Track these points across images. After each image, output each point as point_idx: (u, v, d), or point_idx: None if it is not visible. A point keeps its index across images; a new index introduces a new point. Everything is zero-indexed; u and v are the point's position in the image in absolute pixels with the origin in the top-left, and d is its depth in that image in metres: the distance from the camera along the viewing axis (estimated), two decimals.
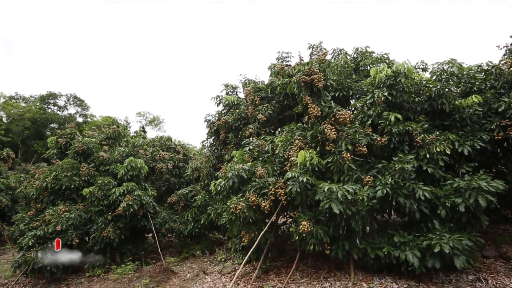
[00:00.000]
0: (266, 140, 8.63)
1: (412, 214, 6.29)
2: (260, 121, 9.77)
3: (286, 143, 7.76)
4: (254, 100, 10.33)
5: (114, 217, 11.24)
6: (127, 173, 12.01)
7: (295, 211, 7.03)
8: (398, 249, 6.21)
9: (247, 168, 7.67)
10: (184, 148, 16.75)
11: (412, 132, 7.03)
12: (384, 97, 7.36)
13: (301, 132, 8.05)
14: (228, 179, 7.53)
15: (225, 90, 12.55)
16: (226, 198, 8.11)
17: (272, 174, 7.69)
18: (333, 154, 6.94)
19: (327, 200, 6.08)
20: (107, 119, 64.22)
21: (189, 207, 13.73)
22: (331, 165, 6.85)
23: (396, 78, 7.49)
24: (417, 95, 7.90)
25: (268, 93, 10.57)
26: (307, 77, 7.20)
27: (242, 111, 10.78)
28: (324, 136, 6.98)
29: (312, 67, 7.21)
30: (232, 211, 6.87)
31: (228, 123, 10.87)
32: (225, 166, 8.02)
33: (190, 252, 13.13)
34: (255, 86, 10.68)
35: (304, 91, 7.34)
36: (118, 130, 14.68)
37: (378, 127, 7.46)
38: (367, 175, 6.84)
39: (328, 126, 6.84)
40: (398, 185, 6.34)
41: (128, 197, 11.13)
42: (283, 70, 9.91)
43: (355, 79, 10.05)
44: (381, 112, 7.41)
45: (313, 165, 6.74)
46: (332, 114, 7.02)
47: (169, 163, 15.00)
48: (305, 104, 7.39)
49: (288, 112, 10.73)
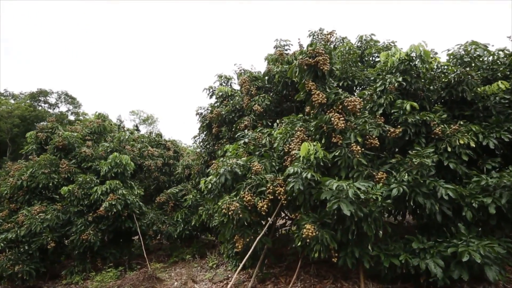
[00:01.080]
0: (263, 133, 7.72)
1: (433, 216, 5.42)
2: (256, 113, 8.86)
3: (286, 135, 6.86)
4: (250, 90, 9.41)
5: (95, 218, 10.24)
6: (111, 170, 11.00)
7: (296, 212, 6.13)
8: (417, 257, 5.33)
9: (241, 163, 6.75)
10: (175, 144, 15.77)
11: (429, 123, 6.17)
12: (397, 83, 6.49)
13: (303, 123, 7.17)
14: (220, 176, 6.61)
15: (219, 81, 11.61)
16: (218, 198, 7.18)
17: (270, 170, 6.79)
18: (340, 147, 6.05)
19: (335, 200, 5.18)
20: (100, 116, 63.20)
21: (179, 207, 12.76)
22: (339, 159, 5.95)
23: (411, 62, 6.63)
24: (432, 82, 7.04)
25: (265, 82, 9.66)
26: (310, 60, 6.30)
27: (236, 103, 9.85)
28: (331, 126, 6.09)
29: (316, 48, 6.31)
30: (224, 213, 5.94)
31: (221, 115, 9.93)
32: (216, 161, 7.09)
33: (179, 256, 12.16)
34: (251, 75, 9.75)
35: (307, 75, 6.44)
36: (103, 124, 13.65)
37: (390, 118, 6.60)
38: (379, 171, 5.97)
39: (336, 114, 5.94)
40: (417, 182, 5.48)
41: (111, 196, 10.13)
42: (282, 56, 9.01)
43: (360, 68, 9.19)
44: (394, 100, 6.55)
45: (318, 159, 5.85)
46: (340, 101, 6.13)
47: (158, 160, 14.01)
48: (308, 91, 6.49)
49: (287, 104, 9.83)
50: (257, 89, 9.45)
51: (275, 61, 9.21)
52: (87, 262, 10.01)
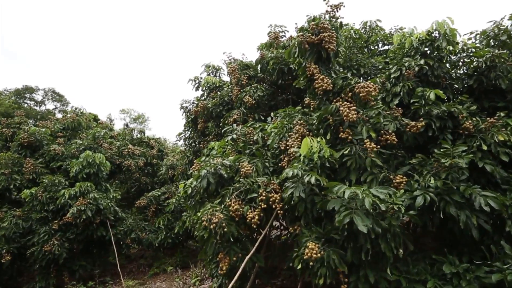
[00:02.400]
0: (255, 127, 6.52)
1: (469, 231, 4.29)
2: (247, 105, 7.66)
3: (282, 129, 5.68)
4: (240, 80, 8.20)
5: (62, 226, 8.91)
6: (83, 170, 9.68)
7: (295, 224, 4.95)
8: (449, 283, 4.21)
9: (228, 163, 5.55)
10: (159, 143, 14.46)
11: (458, 116, 5.06)
12: (418, 67, 5.36)
13: (303, 116, 6.00)
14: (201, 179, 5.39)
15: (206, 72, 10.37)
16: (200, 205, 5.97)
17: (263, 172, 5.60)
18: (350, 144, 4.89)
19: (346, 211, 4.01)
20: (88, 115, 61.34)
21: (162, 212, 11.49)
22: (348, 159, 4.79)
23: (434, 42, 5.51)
24: (456, 67, 5.95)
25: (258, 71, 8.47)
26: (313, 37, 5.13)
27: (225, 94, 8.64)
28: (338, 118, 4.93)
29: (321, 23, 5.14)
30: (204, 226, 4.72)
31: (208, 109, 8.71)
32: (197, 160, 5.89)
33: (161, 266, 10.90)
34: (242, 63, 8.55)
35: (309, 57, 5.26)
36: (78, 119, 12.28)
37: (407, 109, 5.48)
38: (397, 174, 4.83)
39: (345, 103, 4.77)
40: (448, 188, 4.35)
41: (81, 200, 8.83)
42: (277, 40, 7.83)
43: (367, 56, 8.07)
44: (413, 88, 5.42)
45: (323, 159, 4.68)
46: (349, 87, 4.96)
47: (140, 160, 12.70)
48: (310, 76, 5.32)
49: (282, 97, 8.67)
50: (248, 79, 8.26)
51: (269, 46, 8.03)
52: (50, 277, 8.66)
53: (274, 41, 7.90)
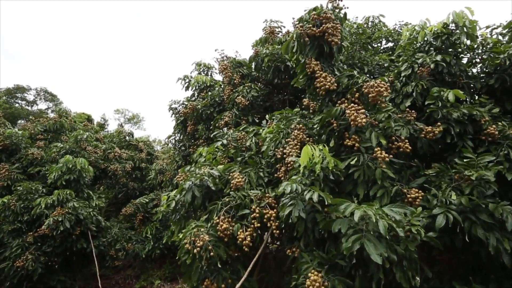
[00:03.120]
0: (247, 132, 5.83)
1: (499, 256, 3.63)
2: (240, 107, 6.96)
3: (279, 135, 5.00)
4: (233, 79, 7.51)
5: (38, 239, 8.15)
6: (62, 177, 8.91)
7: (293, 246, 4.26)
8: None
9: (216, 173, 4.85)
10: (149, 146, 13.70)
11: (479, 120, 4.41)
12: (434, 63, 4.70)
13: (302, 119, 5.33)
14: (186, 192, 4.68)
15: (197, 71, 9.65)
16: (185, 219, 5.28)
17: (257, 183, 4.92)
18: (357, 152, 4.21)
19: (355, 235, 3.33)
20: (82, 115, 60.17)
21: (150, 220, 10.76)
22: (355, 170, 4.10)
23: (450, 36, 4.86)
24: (473, 65, 5.31)
25: (252, 69, 7.77)
26: (314, 29, 4.44)
27: (216, 95, 7.93)
28: (343, 123, 4.25)
29: (323, 13, 4.45)
30: (187, 250, 4.01)
31: (197, 110, 8.00)
32: (182, 170, 5.19)
33: (149, 279, 10.18)
34: (235, 60, 7.84)
35: (310, 51, 4.57)
36: (60, 121, 11.49)
37: (420, 112, 4.83)
38: (411, 188, 4.17)
39: (352, 106, 4.08)
40: (473, 206, 3.69)
41: (58, 210, 8.06)
42: (273, 35, 7.14)
43: (371, 53, 7.42)
44: (427, 88, 4.77)
45: (327, 170, 4.00)
46: (357, 87, 4.28)
47: (127, 164, 11.93)
48: (310, 73, 4.63)
49: (279, 97, 7.98)
50: (241, 78, 7.57)
51: (264, 42, 7.34)
52: None
53: (269, 36, 7.22)
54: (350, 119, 4.01)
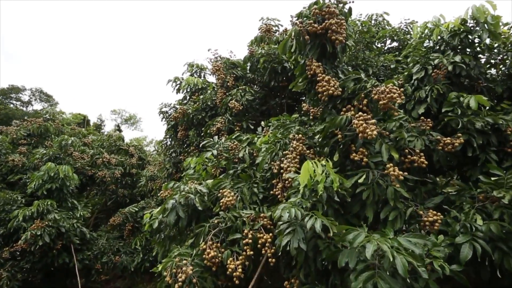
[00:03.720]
0: (241, 140, 5.25)
1: None
2: (233, 112, 6.38)
3: (276, 146, 4.41)
4: (226, 81, 6.93)
5: (15, 254, 7.53)
6: (43, 186, 8.28)
7: (292, 276, 3.68)
8: None
9: (204, 190, 4.26)
10: (140, 150, 13.07)
11: (505, 130, 3.85)
12: (452, 65, 4.13)
13: (300, 127, 4.75)
14: (168, 213, 4.09)
15: (189, 72, 9.06)
16: (170, 241, 4.70)
17: (250, 200, 4.34)
18: (365, 168, 3.64)
19: (367, 273, 2.75)
20: (77, 116, 59.16)
21: (140, 231, 10.13)
22: (363, 189, 3.53)
23: (470, 34, 4.30)
24: (493, 66, 4.76)
25: (247, 70, 7.19)
26: (316, 25, 3.87)
27: (208, 98, 7.35)
28: (350, 134, 3.67)
29: (326, 7, 3.87)
30: (168, 284, 3.43)
31: (188, 115, 7.40)
32: (165, 186, 4.61)
33: None
34: (228, 61, 7.25)
35: (310, 51, 4.00)
36: (45, 125, 10.86)
37: (435, 120, 4.27)
38: (428, 209, 3.60)
39: (360, 115, 3.50)
40: (505, 233, 3.12)
41: (37, 223, 7.44)
42: (269, 34, 6.57)
43: (375, 52, 6.86)
44: (443, 93, 4.20)
45: (331, 190, 3.43)
46: (365, 92, 3.70)
47: (116, 170, 11.30)
48: (311, 76, 4.06)
49: (276, 101, 7.40)
50: (235, 80, 6.99)
51: (260, 41, 6.76)
52: None
53: (265, 35, 6.64)
54: (357, 131, 3.43)
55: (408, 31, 7.70)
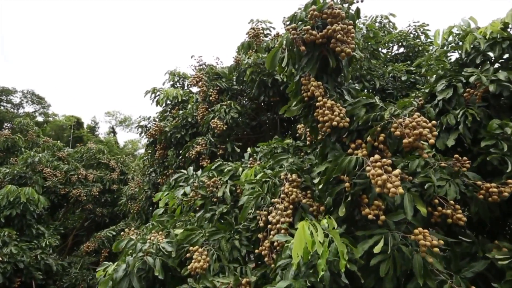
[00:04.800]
0: (222, 173, 4.25)
1: None
2: (216, 132, 5.38)
3: (263, 187, 3.42)
4: (208, 94, 5.92)
5: None
6: (1, 212, 7.23)
7: None
8: None
9: (169, 249, 3.26)
10: (123, 163, 12.00)
11: None
12: (494, 83, 3.16)
13: (295, 159, 3.79)
14: (120, 280, 3.08)
15: (171, 81, 8.04)
16: None
17: (230, 257, 3.34)
18: (382, 231, 2.64)
19: None
20: (70, 118, 57.79)
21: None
22: (380, 260, 2.54)
23: None
24: None
25: (233, 81, 6.20)
26: (315, 33, 2.88)
27: (188, 113, 6.34)
28: (362, 181, 2.68)
29: (328, 8, 2.88)
30: None
31: (165, 133, 6.39)
32: (115, 245, 3.61)
33: None
34: (211, 70, 6.24)
35: (307, 65, 3.01)
36: (12, 138, 9.78)
37: (466, 153, 3.30)
38: (467, 281, 2.62)
39: (377, 160, 2.50)
40: None
41: None
42: (258, 39, 5.58)
43: (382, 61, 5.91)
44: (481, 119, 3.23)
45: (336, 264, 2.44)
46: (381, 125, 2.71)
47: (94, 187, 10.26)
48: (308, 99, 3.07)
49: (267, 116, 6.42)
50: (219, 93, 5.98)
51: (248, 47, 5.76)
52: None
53: (253, 40, 5.64)
54: (374, 183, 2.44)
55: (418, 35, 6.76)
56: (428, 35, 6.41)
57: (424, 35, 6.71)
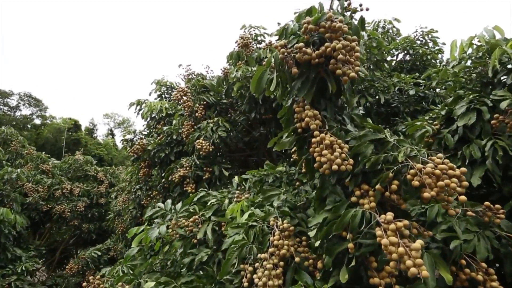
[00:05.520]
0: (205, 204, 3.67)
1: None
2: (201, 153, 4.80)
3: (249, 233, 2.83)
4: (195, 110, 5.34)
5: None
6: None
7: None
8: None
9: None
10: (112, 175, 11.40)
11: None
12: None
13: (288, 194, 3.22)
14: None
15: (158, 91, 7.46)
16: None
17: None
18: None
19: None
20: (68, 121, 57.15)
21: None
22: None
23: None
24: None
25: (223, 95, 5.61)
26: (310, 51, 2.30)
27: (174, 129, 5.76)
28: (369, 242, 2.10)
29: (326, 21, 2.30)
30: None
31: (148, 152, 5.81)
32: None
33: None
34: (197, 83, 5.65)
35: (301, 90, 2.44)
36: None
37: (499, 194, 2.72)
38: None
39: (389, 219, 1.92)
40: None
41: None
42: (248, 50, 4.99)
43: (386, 72, 5.34)
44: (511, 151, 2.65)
45: None
46: (394, 170, 2.12)
47: (79, 202, 9.67)
48: (302, 131, 2.49)
49: (260, 131, 5.84)
50: (206, 108, 5.40)
51: (237, 58, 5.17)
52: None
53: (242, 50, 5.05)
54: (386, 252, 1.86)
55: (426, 42, 6.18)
56: (437, 42, 5.84)
57: (433, 42, 6.14)
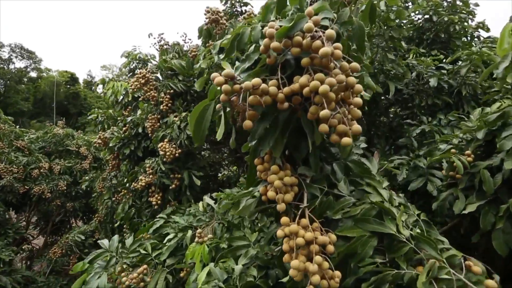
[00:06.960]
0: (162, 244, 2.91)
1: None
2: (166, 160, 3.92)
3: None
4: (160, 101, 4.33)
5: None
6: None
7: None
8: None
9: None
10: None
11: None
12: None
13: (259, 249, 2.42)
14: None
15: (128, 67, 6.30)
16: None
17: None
18: None
19: None
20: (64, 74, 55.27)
21: None
22: None
23: None
24: None
25: (194, 80, 4.54)
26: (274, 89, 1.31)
27: (139, 120, 4.80)
28: None
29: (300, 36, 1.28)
30: None
31: (111, 148, 4.93)
32: None
33: None
34: (163, 64, 4.52)
35: (264, 141, 1.50)
36: None
37: None
38: None
39: None
40: None
41: None
42: (219, 26, 3.81)
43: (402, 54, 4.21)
44: None
45: None
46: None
47: (60, 181, 9.06)
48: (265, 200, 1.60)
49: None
50: (174, 98, 4.37)
51: (207, 36, 4.00)
52: None
53: (213, 27, 3.84)
54: None
55: (454, 5, 4.88)
56: (472, 12, 4.53)
57: (463, 4, 4.81)
